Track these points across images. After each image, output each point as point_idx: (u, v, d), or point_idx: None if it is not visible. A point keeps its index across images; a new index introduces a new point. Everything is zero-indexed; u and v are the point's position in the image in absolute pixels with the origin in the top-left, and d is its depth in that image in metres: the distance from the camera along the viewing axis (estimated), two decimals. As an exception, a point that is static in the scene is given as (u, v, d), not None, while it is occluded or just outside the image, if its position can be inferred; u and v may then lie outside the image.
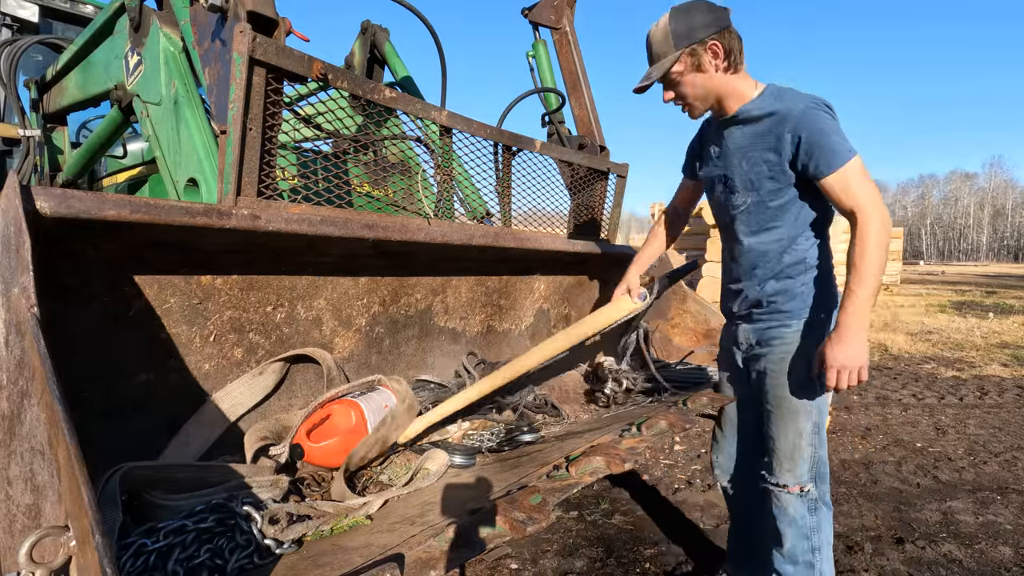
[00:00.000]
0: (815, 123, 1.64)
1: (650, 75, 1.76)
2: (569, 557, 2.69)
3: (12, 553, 0.86)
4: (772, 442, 1.86)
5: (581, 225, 2.85)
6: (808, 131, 1.64)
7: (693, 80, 1.75)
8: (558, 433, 2.17)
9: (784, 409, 1.82)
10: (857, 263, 1.62)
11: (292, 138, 1.93)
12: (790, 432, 1.82)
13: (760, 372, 1.88)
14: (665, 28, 1.71)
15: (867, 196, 1.62)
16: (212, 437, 1.59)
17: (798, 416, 1.80)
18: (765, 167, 1.74)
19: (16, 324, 0.96)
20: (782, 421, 1.82)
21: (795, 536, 1.85)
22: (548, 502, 1.42)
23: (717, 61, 1.72)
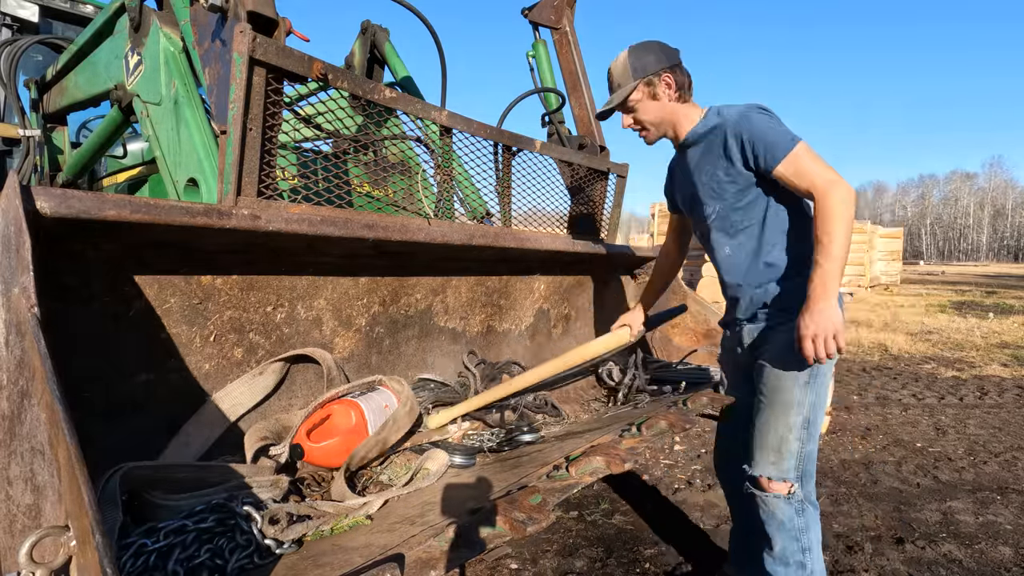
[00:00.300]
0: (752, 123, 1.79)
1: (612, 101, 1.97)
2: (569, 557, 2.69)
3: (12, 553, 0.86)
4: (760, 434, 1.89)
5: (581, 225, 2.85)
6: (748, 131, 1.79)
7: (648, 107, 1.95)
8: (558, 433, 2.17)
9: (777, 401, 1.85)
10: (821, 238, 1.68)
11: (292, 138, 1.93)
12: (780, 425, 1.85)
13: (759, 366, 1.91)
14: (624, 62, 1.93)
15: (819, 174, 1.70)
16: (212, 437, 1.59)
17: (789, 410, 1.84)
18: (721, 173, 1.88)
19: (16, 324, 0.96)
20: (772, 413, 1.86)
21: (785, 539, 1.87)
22: (548, 502, 1.42)
23: (670, 91, 1.92)
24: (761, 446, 1.89)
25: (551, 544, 2.80)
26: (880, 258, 18.83)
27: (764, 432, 1.88)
